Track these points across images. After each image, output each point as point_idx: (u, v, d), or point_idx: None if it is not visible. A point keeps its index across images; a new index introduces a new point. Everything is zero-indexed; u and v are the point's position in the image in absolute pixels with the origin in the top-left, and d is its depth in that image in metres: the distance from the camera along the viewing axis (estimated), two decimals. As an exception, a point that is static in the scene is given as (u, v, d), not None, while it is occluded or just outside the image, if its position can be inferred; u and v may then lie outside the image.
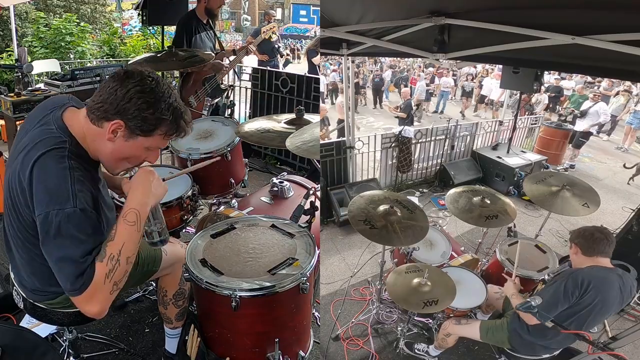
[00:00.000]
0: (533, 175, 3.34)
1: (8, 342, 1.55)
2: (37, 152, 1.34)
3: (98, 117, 1.38)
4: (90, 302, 1.35)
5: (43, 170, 1.32)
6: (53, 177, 1.30)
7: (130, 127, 1.38)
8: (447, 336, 2.49)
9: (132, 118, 1.36)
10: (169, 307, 2.14)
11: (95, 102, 1.38)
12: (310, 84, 5.06)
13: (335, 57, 9.19)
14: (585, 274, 2.01)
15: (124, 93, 1.34)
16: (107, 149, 1.43)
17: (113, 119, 1.36)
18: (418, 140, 5.60)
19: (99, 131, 1.39)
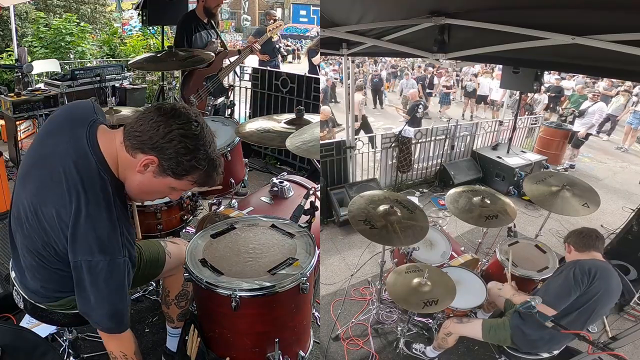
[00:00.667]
0: (533, 175, 3.34)
1: (8, 342, 1.55)
2: (87, 203, 1.32)
3: (134, 146, 1.36)
4: (119, 340, 1.50)
5: (93, 219, 1.32)
6: (104, 228, 1.32)
7: (162, 166, 1.36)
8: (447, 336, 2.49)
9: (167, 159, 1.34)
10: (171, 307, 2.15)
11: (134, 130, 1.35)
12: (310, 84, 5.06)
13: (335, 57, 9.20)
14: (589, 264, 2.09)
15: (166, 132, 1.31)
16: (135, 180, 1.42)
17: (148, 154, 1.34)
18: (418, 140, 5.60)
19: (131, 161, 1.38)
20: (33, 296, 1.67)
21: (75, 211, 1.31)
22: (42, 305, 1.69)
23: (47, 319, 1.76)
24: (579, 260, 2.14)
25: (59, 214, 1.34)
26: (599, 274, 2.04)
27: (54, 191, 1.35)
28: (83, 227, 1.31)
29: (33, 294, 1.66)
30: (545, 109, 10.13)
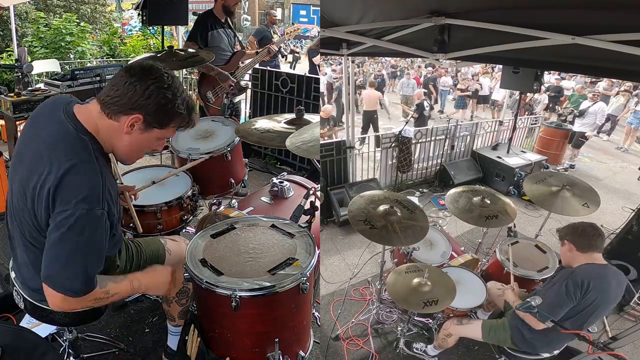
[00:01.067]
0: (533, 175, 3.34)
1: (8, 342, 1.55)
2: (67, 160, 1.36)
3: (115, 111, 1.42)
4: (66, 303, 1.42)
5: (78, 176, 1.35)
6: (87, 183, 1.36)
7: (148, 121, 1.44)
8: (447, 336, 2.49)
9: (151, 113, 1.42)
10: (172, 305, 2.15)
11: (111, 97, 1.41)
12: (310, 84, 5.06)
13: (335, 57, 9.20)
14: (583, 274, 2.02)
15: (143, 89, 1.39)
16: (124, 142, 1.48)
17: (132, 114, 1.41)
18: (418, 140, 5.60)
19: (115, 125, 1.44)
20: (34, 295, 1.67)
21: (55, 171, 1.34)
22: (42, 304, 1.69)
23: (47, 318, 1.75)
24: (574, 271, 2.06)
25: (43, 181, 1.36)
26: (593, 284, 1.98)
27: (37, 164, 1.40)
28: (64, 180, 1.34)
29: (34, 292, 1.66)
30: (545, 109, 10.13)
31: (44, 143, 1.42)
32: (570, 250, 2.16)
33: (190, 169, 2.70)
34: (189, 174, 2.69)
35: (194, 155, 2.69)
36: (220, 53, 3.94)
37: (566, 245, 2.18)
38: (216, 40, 3.92)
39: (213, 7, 4.00)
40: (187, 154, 2.71)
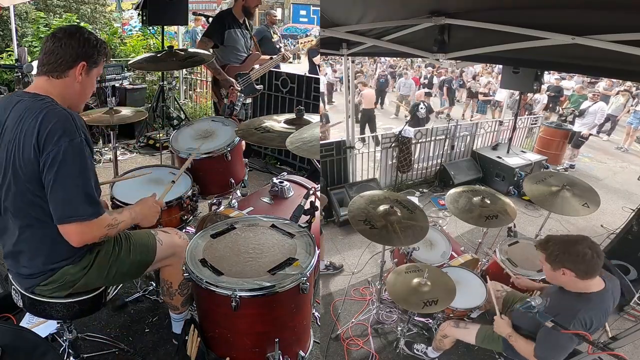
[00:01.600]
0: (533, 175, 3.34)
1: (8, 342, 1.56)
2: (36, 115, 1.55)
3: (62, 69, 1.65)
4: (85, 232, 1.59)
5: (50, 121, 1.53)
6: (59, 122, 1.54)
7: (89, 64, 1.70)
8: (444, 337, 2.48)
9: (89, 57, 1.69)
10: (175, 297, 2.17)
11: (53, 62, 1.65)
12: (310, 84, 5.06)
13: (335, 57, 9.22)
14: (587, 312, 1.82)
15: (77, 42, 1.66)
16: (76, 91, 1.71)
17: (77, 64, 1.67)
18: (418, 140, 5.60)
19: (67, 81, 1.67)
20: (29, 282, 1.69)
21: (31, 128, 1.53)
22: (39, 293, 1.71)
23: (45, 313, 1.77)
24: (576, 314, 1.80)
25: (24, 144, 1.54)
26: (596, 318, 1.82)
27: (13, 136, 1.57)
28: (41, 129, 1.52)
29: (29, 278, 1.69)
30: (545, 108, 10.13)
31: (12, 121, 1.59)
32: (568, 277, 1.85)
33: (190, 169, 2.70)
34: (188, 174, 2.69)
35: (194, 155, 2.69)
36: (235, 53, 3.94)
37: (564, 273, 1.84)
38: (232, 39, 3.90)
39: (233, 6, 3.98)
40: (187, 154, 2.71)
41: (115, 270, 1.82)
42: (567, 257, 1.82)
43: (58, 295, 1.73)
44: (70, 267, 1.70)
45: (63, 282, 1.70)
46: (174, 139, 2.90)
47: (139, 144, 5.79)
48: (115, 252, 1.82)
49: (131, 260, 1.87)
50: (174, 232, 2.12)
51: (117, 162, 3.39)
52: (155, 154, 5.53)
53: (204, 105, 6.95)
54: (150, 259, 1.94)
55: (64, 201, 1.53)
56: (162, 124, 5.56)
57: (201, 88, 7.07)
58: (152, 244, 1.95)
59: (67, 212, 1.54)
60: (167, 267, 2.08)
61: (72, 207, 1.54)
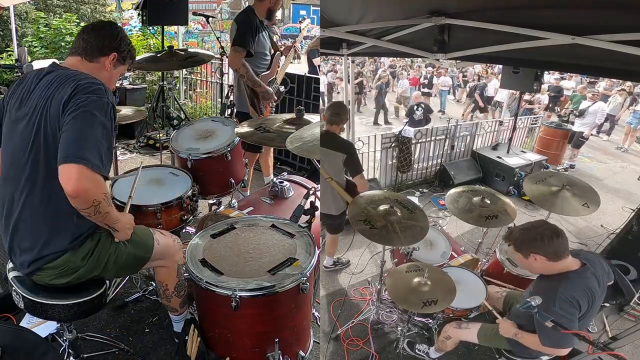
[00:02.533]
0: (533, 175, 3.34)
1: (8, 342, 1.56)
2: (75, 80, 1.64)
3: (95, 55, 1.79)
4: (83, 178, 1.51)
5: (86, 82, 1.64)
6: (94, 83, 1.65)
7: (119, 58, 1.85)
8: (446, 339, 2.48)
9: (121, 51, 1.85)
10: (173, 299, 2.17)
11: (89, 46, 1.78)
12: (310, 84, 5.06)
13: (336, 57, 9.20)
14: (568, 291, 1.84)
15: (115, 35, 1.83)
16: (103, 77, 1.79)
17: (110, 54, 1.81)
18: (418, 140, 5.60)
19: (97, 66, 1.81)
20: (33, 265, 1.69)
21: (68, 87, 1.62)
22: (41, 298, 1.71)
23: (46, 314, 1.76)
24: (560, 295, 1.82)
25: (56, 100, 1.61)
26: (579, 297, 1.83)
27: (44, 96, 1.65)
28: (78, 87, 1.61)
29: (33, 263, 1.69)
30: (545, 108, 10.13)
31: (46, 84, 1.68)
32: (541, 262, 1.90)
33: (190, 169, 2.70)
34: (188, 174, 2.69)
35: (194, 155, 2.69)
36: (263, 58, 3.64)
37: (535, 259, 1.90)
38: (261, 45, 3.58)
39: (254, 5, 3.55)
40: (187, 154, 2.71)
41: (114, 261, 1.82)
42: (529, 242, 1.89)
43: (57, 282, 1.73)
44: (70, 254, 1.71)
45: (64, 268, 1.71)
46: (174, 139, 2.90)
47: (139, 144, 5.79)
48: (115, 243, 1.82)
49: (129, 253, 1.87)
50: (169, 235, 2.13)
51: (117, 162, 3.39)
52: (155, 154, 5.53)
53: (204, 105, 6.95)
54: (148, 255, 1.95)
55: (75, 141, 1.53)
56: (162, 124, 5.56)
57: (201, 88, 7.07)
58: (150, 241, 1.96)
59: (74, 151, 1.52)
60: (162, 269, 2.09)
61: (81, 149, 1.52)
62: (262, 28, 3.59)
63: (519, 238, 1.94)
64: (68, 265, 1.71)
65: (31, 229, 1.68)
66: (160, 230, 2.13)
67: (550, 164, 6.37)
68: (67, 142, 1.54)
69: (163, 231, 2.16)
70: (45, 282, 1.74)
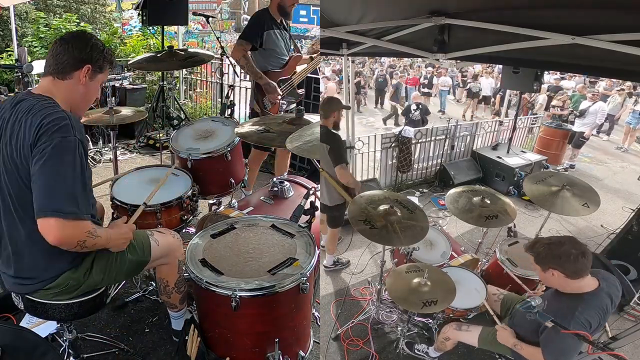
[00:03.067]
0: (533, 175, 3.34)
1: (8, 342, 1.56)
2: (41, 113, 1.57)
3: (67, 71, 1.69)
4: (62, 229, 1.50)
5: (50, 118, 1.56)
6: (58, 120, 1.56)
7: (94, 69, 1.74)
8: (445, 340, 2.48)
9: (95, 61, 1.74)
10: (173, 295, 2.18)
11: (60, 63, 1.69)
12: (310, 84, 5.05)
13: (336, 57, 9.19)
14: (583, 313, 1.82)
15: (84, 46, 1.72)
16: (80, 93, 1.74)
17: (82, 66, 1.70)
18: (418, 140, 5.60)
19: (70, 82, 1.71)
20: (30, 287, 1.68)
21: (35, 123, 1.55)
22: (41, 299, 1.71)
23: (47, 314, 1.77)
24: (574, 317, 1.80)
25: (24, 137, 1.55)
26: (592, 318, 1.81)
27: (16, 131, 1.59)
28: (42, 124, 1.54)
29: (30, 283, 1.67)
30: (545, 108, 10.13)
31: (13, 120, 1.61)
32: (558, 278, 1.87)
33: (190, 169, 2.70)
34: (188, 174, 2.69)
35: (194, 155, 2.69)
36: (275, 56, 3.67)
37: (553, 274, 1.87)
38: (272, 41, 3.60)
39: (269, 5, 3.66)
40: (187, 154, 2.71)
41: (115, 271, 1.82)
42: (552, 258, 1.85)
43: (60, 299, 1.73)
44: (70, 272, 1.70)
45: (66, 286, 1.70)
46: (174, 139, 2.90)
47: (139, 144, 5.79)
48: (114, 254, 1.82)
49: (128, 260, 1.87)
50: (169, 232, 2.13)
51: (117, 162, 3.39)
52: (155, 154, 5.52)
53: (204, 105, 6.95)
54: (147, 259, 1.95)
55: (46, 193, 1.49)
56: (162, 124, 5.56)
57: (201, 88, 7.07)
58: (147, 244, 1.95)
59: (47, 204, 1.49)
60: (163, 266, 2.09)
61: (53, 201, 1.49)
62: (276, 27, 3.64)
63: (542, 253, 1.89)
64: (69, 283, 1.70)
65: (27, 258, 1.66)
66: (159, 230, 2.13)
67: (550, 164, 6.37)
68: (38, 194, 1.50)
69: (162, 229, 2.16)
70: (48, 300, 1.72)
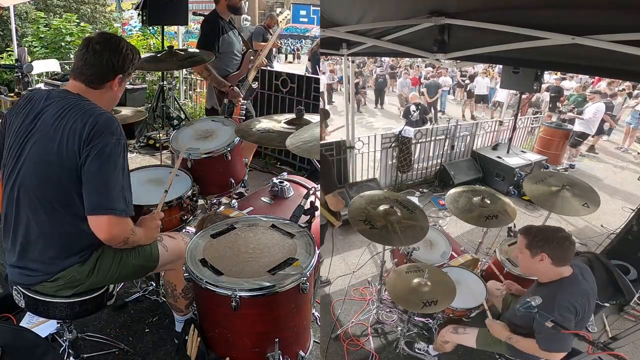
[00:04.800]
0: (533, 175, 3.34)
1: (8, 342, 1.56)
2: (93, 110, 1.64)
3: (102, 81, 1.74)
4: (114, 225, 1.62)
5: (106, 118, 1.64)
6: (112, 122, 1.65)
7: (124, 77, 1.80)
8: (444, 343, 2.48)
9: (125, 70, 1.78)
10: (179, 300, 2.19)
11: (91, 74, 1.72)
12: (310, 84, 5.06)
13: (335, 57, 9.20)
14: (565, 296, 1.88)
15: (117, 57, 1.73)
16: (110, 98, 1.81)
17: (114, 77, 1.76)
18: (418, 140, 5.60)
19: (102, 91, 1.76)
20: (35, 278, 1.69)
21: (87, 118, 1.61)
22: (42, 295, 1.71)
23: (48, 313, 1.76)
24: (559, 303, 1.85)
25: (72, 131, 1.59)
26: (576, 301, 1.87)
27: (57, 126, 1.62)
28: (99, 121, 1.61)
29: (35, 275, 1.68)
30: (550, 109, 10.13)
31: (52, 114, 1.64)
32: (542, 260, 1.94)
33: (190, 169, 2.70)
34: (188, 174, 2.69)
35: (194, 155, 2.69)
36: (232, 58, 3.67)
37: (542, 259, 1.94)
38: (227, 44, 3.59)
39: (215, 8, 3.62)
40: (187, 154, 2.71)
41: (119, 273, 1.83)
42: (548, 243, 1.93)
43: (61, 294, 1.73)
44: (77, 266, 1.71)
45: (70, 280, 1.71)
46: (174, 139, 2.90)
47: (139, 144, 5.80)
48: (119, 256, 1.82)
49: (134, 264, 1.87)
50: (180, 238, 2.11)
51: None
52: (155, 154, 5.53)
53: (204, 105, 6.95)
54: (154, 265, 1.95)
55: (102, 192, 1.59)
56: (162, 124, 5.57)
57: (201, 88, 7.07)
58: (155, 251, 1.95)
59: (103, 203, 1.59)
60: (171, 271, 2.09)
61: (109, 200, 1.59)
62: (229, 28, 3.62)
63: (539, 237, 1.97)
64: (74, 276, 1.71)
65: (40, 249, 1.68)
66: (169, 234, 2.12)
67: (550, 164, 6.37)
68: (92, 192, 1.59)
69: (173, 234, 2.15)
70: (50, 293, 1.73)
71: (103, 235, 1.62)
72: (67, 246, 1.68)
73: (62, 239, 1.67)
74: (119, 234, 1.66)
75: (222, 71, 3.60)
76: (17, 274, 1.72)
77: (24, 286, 1.74)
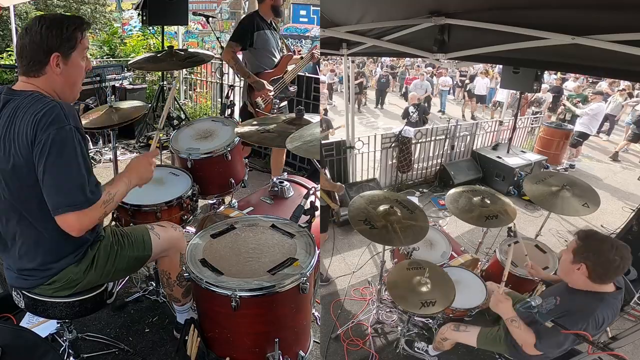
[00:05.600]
0: (533, 175, 3.34)
1: (8, 342, 1.55)
2: (31, 105, 1.52)
3: (38, 68, 1.59)
4: (82, 219, 1.53)
5: (43, 112, 1.50)
6: (49, 112, 1.50)
7: (64, 53, 1.60)
8: (444, 340, 2.48)
9: (60, 44, 1.58)
10: (175, 288, 2.19)
11: (24, 63, 1.59)
12: (310, 84, 5.05)
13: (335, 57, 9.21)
14: (602, 312, 1.80)
15: (40, 37, 1.56)
16: (61, 81, 1.63)
17: (49, 58, 1.57)
18: (418, 140, 5.60)
19: (45, 77, 1.61)
20: (31, 282, 1.69)
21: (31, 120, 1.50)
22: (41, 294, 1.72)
23: (47, 313, 1.77)
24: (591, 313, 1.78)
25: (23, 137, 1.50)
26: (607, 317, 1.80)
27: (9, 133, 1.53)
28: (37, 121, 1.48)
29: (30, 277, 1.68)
30: (550, 109, 10.13)
31: (5, 119, 1.55)
32: (581, 276, 1.82)
33: (190, 169, 2.70)
34: (188, 174, 2.69)
35: (194, 155, 2.69)
36: (267, 55, 3.76)
37: (579, 269, 1.81)
38: (263, 41, 3.70)
39: (258, 8, 3.78)
40: (187, 154, 2.71)
41: (115, 267, 1.83)
42: (594, 257, 1.77)
43: (60, 295, 1.74)
44: (73, 266, 1.71)
45: (66, 281, 1.71)
46: (174, 139, 2.90)
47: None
48: (114, 251, 1.83)
49: (129, 256, 1.88)
50: (170, 225, 2.14)
51: (117, 162, 3.39)
52: (155, 154, 5.52)
53: (204, 105, 6.95)
54: (148, 254, 1.96)
55: (57, 190, 1.50)
56: (162, 124, 5.56)
57: (201, 88, 7.07)
58: (148, 239, 1.96)
59: (61, 201, 1.50)
60: (164, 258, 2.11)
61: (66, 196, 1.50)
62: (267, 27, 3.74)
63: (590, 247, 1.81)
64: (70, 277, 1.71)
65: (32, 257, 1.67)
66: (160, 223, 2.14)
67: (550, 164, 6.37)
68: (49, 193, 1.51)
69: (163, 222, 2.17)
70: (48, 295, 1.73)
71: (74, 232, 1.55)
72: (58, 249, 1.67)
73: (52, 243, 1.65)
74: (88, 224, 1.57)
75: (255, 67, 3.73)
76: (14, 278, 1.73)
77: (22, 289, 1.74)
